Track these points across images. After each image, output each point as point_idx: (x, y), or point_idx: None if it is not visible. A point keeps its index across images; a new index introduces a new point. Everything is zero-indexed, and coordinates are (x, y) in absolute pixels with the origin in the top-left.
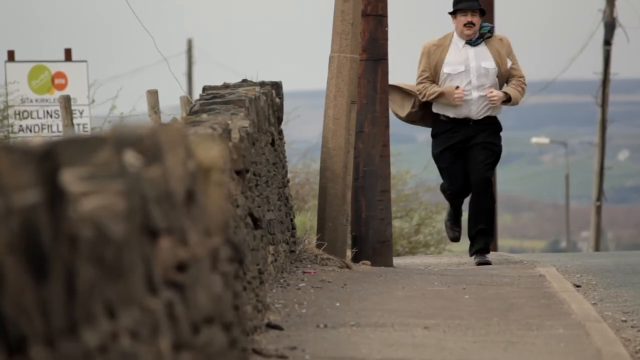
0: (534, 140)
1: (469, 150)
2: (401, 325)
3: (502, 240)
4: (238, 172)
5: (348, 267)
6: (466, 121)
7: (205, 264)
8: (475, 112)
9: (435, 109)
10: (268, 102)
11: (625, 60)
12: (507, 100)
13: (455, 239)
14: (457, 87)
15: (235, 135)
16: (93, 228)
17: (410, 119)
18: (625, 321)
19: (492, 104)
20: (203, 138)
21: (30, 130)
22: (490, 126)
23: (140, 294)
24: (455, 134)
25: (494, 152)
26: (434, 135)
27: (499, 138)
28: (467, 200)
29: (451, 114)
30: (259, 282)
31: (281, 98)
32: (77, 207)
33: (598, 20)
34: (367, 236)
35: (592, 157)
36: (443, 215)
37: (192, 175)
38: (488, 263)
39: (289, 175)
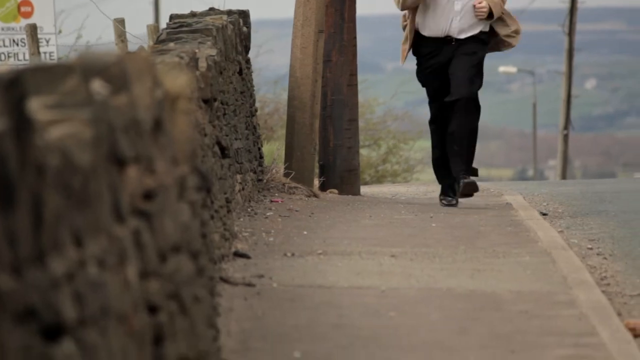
0: (502, 69)
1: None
2: (368, 254)
3: None
4: (205, 101)
5: (315, 195)
6: (447, 40)
7: (173, 193)
8: (457, 28)
9: (414, 25)
10: (235, 30)
11: None
12: (490, 16)
13: (449, 185)
14: None
15: (202, 64)
16: (60, 156)
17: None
18: (591, 249)
19: (480, 15)
20: (170, 67)
21: None
22: (474, 42)
23: (108, 223)
24: (436, 56)
25: (476, 58)
26: (415, 55)
27: (482, 47)
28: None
29: (430, 32)
30: (227, 210)
31: (248, 27)
32: (44, 135)
33: None
34: (335, 165)
35: (560, 86)
36: (410, 144)
37: (160, 103)
38: (473, 188)
39: (257, 105)
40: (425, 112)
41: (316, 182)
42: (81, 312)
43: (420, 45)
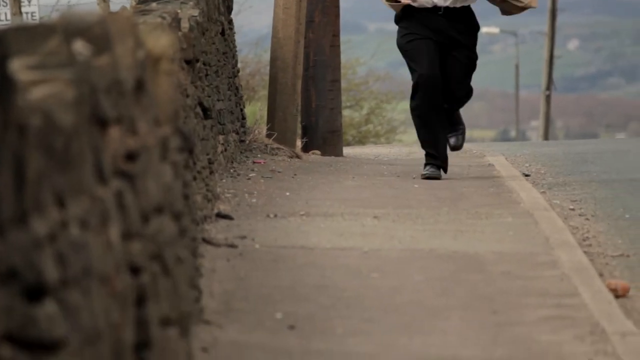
0: (484, 30)
1: (443, 56)
2: (351, 215)
3: None
4: (188, 62)
5: (298, 156)
6: (434, 10)
7: (155, 154)
8: None
9: None
10: None
11: None
12: None
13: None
14: None
15: (184, 25)
16: (42, 117)
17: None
18: (573, 209)
19: None
20: (152, 27)
21: None
22: (465, 22)
23: (90, 184)
24: (422, 26)
25: (472, 61)
26: (397, 23)
27: (476, 40)
28: None
29: (419, 3)
30: (209, 171)
31: None
32: (26, 96)
33: None
34: (317, 126)
35: (542, 47)
36: (393, 104)
37: (142, 64)
38: (456, 147)
39: (239, 65)
40: (407, 72)
41: (299, 143)
42: (63, 272)
43: (410, 16)
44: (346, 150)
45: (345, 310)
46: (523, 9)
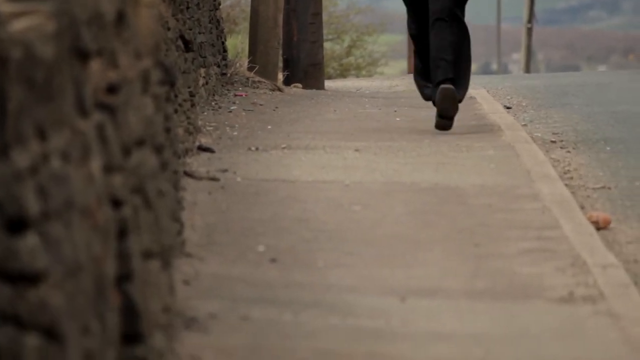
0: None
1: None
2: (332, 148)
3: None
4: None
5: (279, 90)
6: None
7: (136, 86)
8: None
9: None
10: None
11: None
12: None
13: (430, 97)
14: None
15: None
16: (22, 49)
17: None
18: (554, 142)
19: None
20: None
21: None
22: None
23: (71, 116)
24: None
25: None
26: None
27: None
28: None
29: None
30: (190, 104)
31: None
32: (6, 28)
33: None
34: (299, 59)
35: None
36: (374, 37)
37: None
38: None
39: None
40: (388, 5)
41: (280, 76)
42: (45, 205)
43: None
44: (328, 84)
45: (327, 243)
46: None
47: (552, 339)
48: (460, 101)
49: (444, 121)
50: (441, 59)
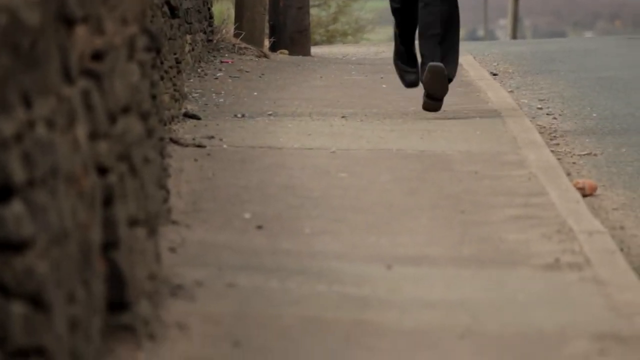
0: None
1: None
2: (319, 115)
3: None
4: None
5: (266, 56)
6: None
7: (122, 53)
8: None
9: None
10: None
11: None
12: None
13: (412, 83)
14: None
15: None
16: (8, 16)
17: None
18: (540, 109)
19: None
20: None
21: None
22: None
23: (56, 83)
24: None
25: None
26: None
27: None
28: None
29: None
30: (177, 71)
31: None
32: None
33: None
34: (285, 25)
35: None
36: (361, 3)
37: None
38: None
39: None
40: None
41: (266, 43)
42: (30, 173)
43: None
44: (314, 50)
45: (313, 210)
46: None
47: (538, 306)
48: (451, 80)
49: (433, 103)
50: (431, 35)
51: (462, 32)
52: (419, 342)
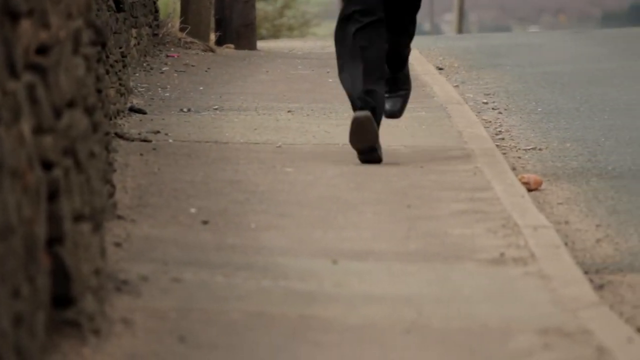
0: None
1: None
2: (265, 109)
3: None
4: None
5: (212, 50)
6: None
7: (67, 47)
8: None
9: None
10: None
11: None
12: None
13: (365, 116)
14: None
15: None
16: None
17: None
18: (486, 103)
19: None
20: None
21: None
22: None
23: (1, 77)
24: None
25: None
26: None
27: None
28: None
29: None
30: (122, 65)
31: None
32: None
33: None
34: (231, 19)
35: None
36: None
37: None
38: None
39: None
40: None
41: (212, 37)
42: None
43: None
44: (260, 44)
45: (259, 205)
46: None
47: (483, 300)
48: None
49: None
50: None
51: None
52: (365, 336)
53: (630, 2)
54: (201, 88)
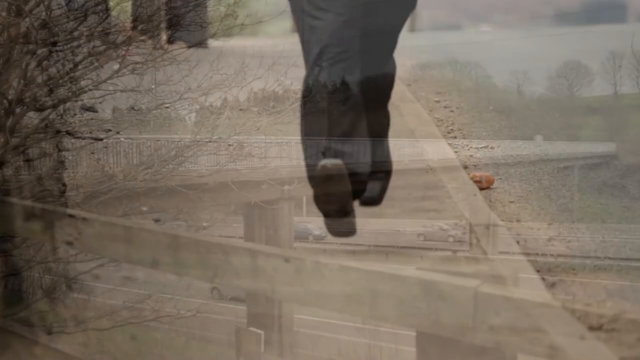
0: None
1: None
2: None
3: None
4: None
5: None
6: None
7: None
8: None
9: None
10: None
11: None
12: None
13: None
14: None
15: None
16: None
17: None
18: (438, 102)
19: None
20: None
21: None
22: None
23: None
24: None
25: None
26: None
27: None
28: None
29: None
30: (73, 64)
31: None
32: None
33: None
34: None
35: None
36: None
37: None
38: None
39: None
40: None
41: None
42: None
43: None
44: None
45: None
46: None
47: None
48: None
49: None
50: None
51: None
52: None
53: (581, 0)
54: (152, 87)
